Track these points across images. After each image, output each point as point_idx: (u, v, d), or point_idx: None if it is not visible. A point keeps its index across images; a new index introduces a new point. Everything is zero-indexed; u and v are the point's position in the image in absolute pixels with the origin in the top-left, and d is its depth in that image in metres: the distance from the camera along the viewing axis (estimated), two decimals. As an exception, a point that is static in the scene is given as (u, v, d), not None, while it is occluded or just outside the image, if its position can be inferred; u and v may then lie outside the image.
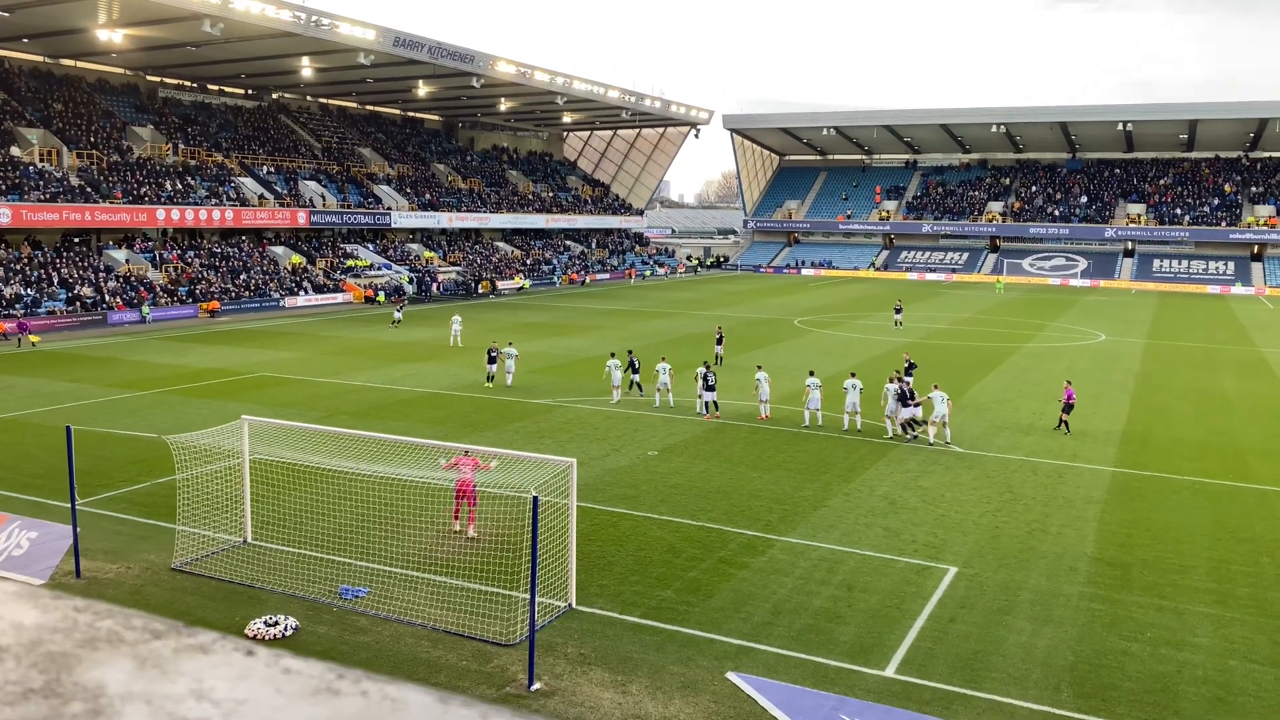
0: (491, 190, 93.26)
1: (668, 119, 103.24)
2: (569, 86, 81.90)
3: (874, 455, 24.78)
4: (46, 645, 1.90)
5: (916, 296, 76.57)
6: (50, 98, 64.70)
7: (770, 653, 13.43)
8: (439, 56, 68.18)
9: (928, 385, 28.20)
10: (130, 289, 56.02)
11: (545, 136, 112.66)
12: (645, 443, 25.73)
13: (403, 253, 78.93)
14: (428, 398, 31.93)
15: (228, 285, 61.26)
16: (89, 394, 32.03)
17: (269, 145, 76.98)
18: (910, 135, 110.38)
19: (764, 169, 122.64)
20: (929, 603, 15.25)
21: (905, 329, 53.00)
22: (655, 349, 40.68)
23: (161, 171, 64.35)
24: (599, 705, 11.87)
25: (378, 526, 17.87)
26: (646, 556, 17.17)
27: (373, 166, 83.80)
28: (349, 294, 67.26)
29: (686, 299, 72.09)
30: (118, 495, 20.37)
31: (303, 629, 13.83)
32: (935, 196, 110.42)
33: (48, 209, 54.81)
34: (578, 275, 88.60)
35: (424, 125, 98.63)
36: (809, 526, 18.96)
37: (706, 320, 56.37)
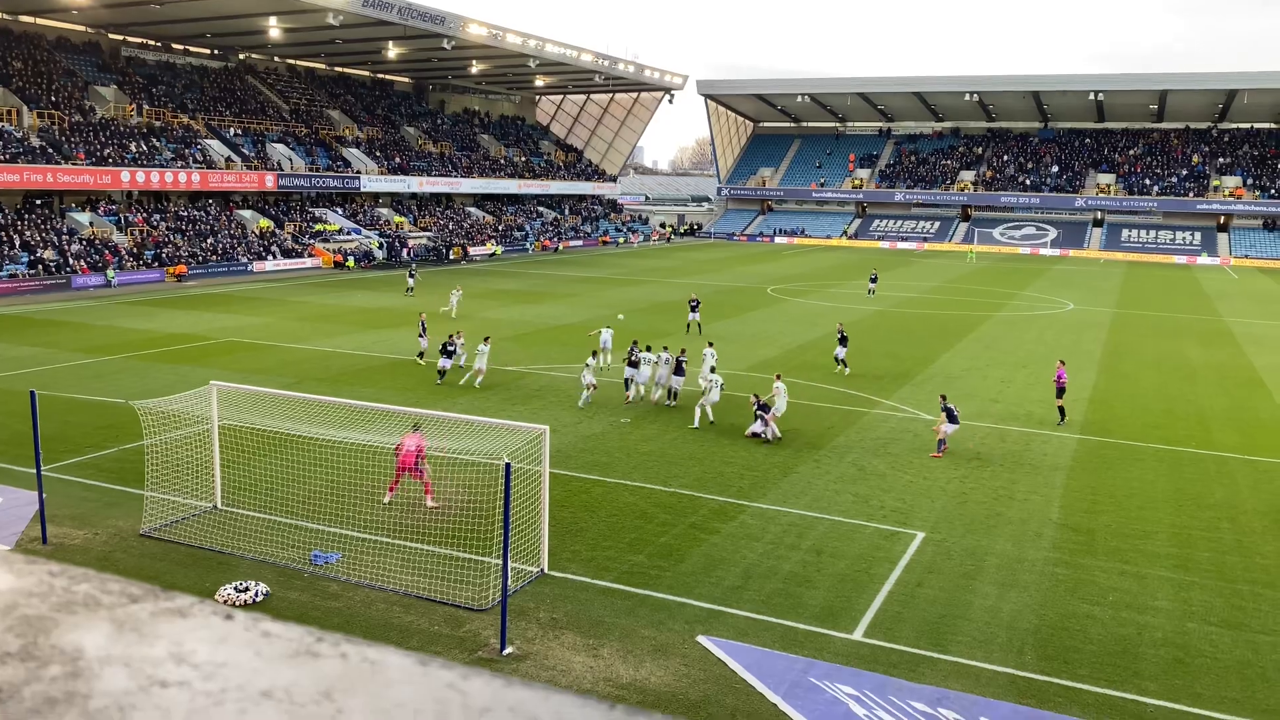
0: (463, 154, 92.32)
1: (641, 84, 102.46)
2: (541, 50, 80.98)
3: (844, 423, 24.97)
4: (22, 609, 1.87)
5: (888, 265, 76.89)
6: (9, 56, 63.09)
7: (740, 616, 13.57)
8: (409, 18, 67.11)
9: (872, 360, 28.35)
10: (95, 252, 55.10)
11: (518, 100, 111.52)
12: (617, 411, 25.76)
13: (372, 217, 78.12)
14: (398, 364, 31.75)
15: (195, 249, 60.40)
16: (53, 359, 31.57)
17: (236, 107, 75.65)
18: (884, 103, 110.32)
19: (738, 136, 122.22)
20: (897, 567, 15.46)
21: (877, 297, 53.25)
22: (632, 318, 40.58)
23: (125, 133, 63.10)
24: (571, 668, 11.97)
25: (349, 493, 17.81)
26: (618, 522, 17.25)
27: (342, 129, 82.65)
28: (318, 259, 66.55)
29: (660, 267, 71.97)
30: (84, 461, 20.15)
31: (274, 595, 13.80)
32: (908, 165, 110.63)
33: (8, 169, 53.62)
34: (550, 242, 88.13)
35: (394, 88, 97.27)
36: (779, 492, 19.11)
37: (680, 288, 56.32)
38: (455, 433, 18.31)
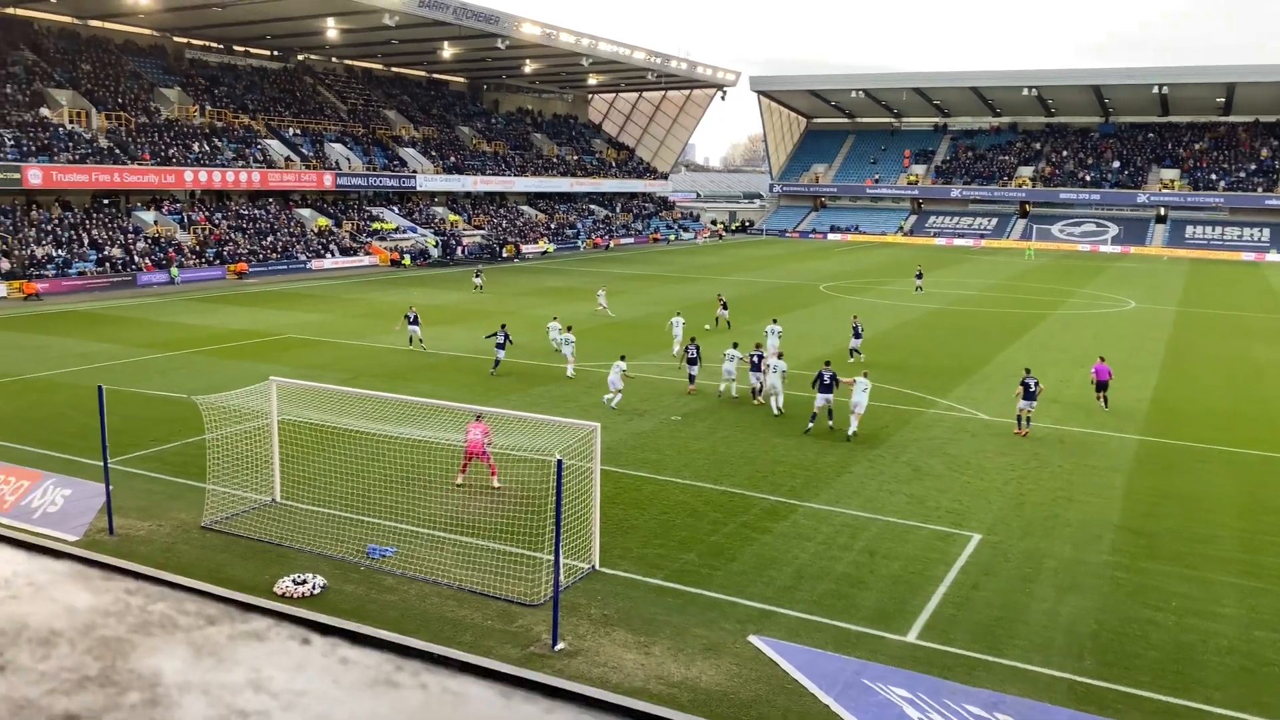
0: (516, 153, 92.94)
1: (694, 81, 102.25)
2: (594, 48, 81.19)
3: (899, 422, 24.70)
4: (100, 630, 1.90)
5: (944, 262, 75.89)
6: (78, 59, 64.89)
7: (792, 617, 13.50)
8: (464, 18, 67.71)
9: (888, 355, 28.00)
10: (159, 250, 56.46)
11: (570, 99, 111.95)
12: (669, 408, 25.76)
13: (428, 216, 78.99)
14: (452, 360, 32.08)
15: (255, 247, 61.59)
16: (120, 354, 32.42)
17: (295, 107, 76.98)
18: (940, 98, 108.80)
19: (791, 132, 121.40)
20: (952, 569, 15.25)
21: (932, 294, 52.58)
22: (683, 315, 40.45)
23: (189, 133, 64.55)
24: (622, 665, 12.00)
25: (404, 487, 18.04)
26: (669, 520, 17.25)
27: (398, 129, 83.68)
28: (375, 257, 67.47)
29: (711, 264, 71.79)
30: (149, 454, 20.67)
31: (330, 587, 14.04)
32: (964, 161, 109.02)
33: (77, 170, 55.20)
34: (602, 240, 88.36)
35: (449, 87, 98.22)
36: (832, 492, 18.96)
37: (732, 285, 56.15)
38: (508, 429, 18.48)
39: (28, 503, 16.66)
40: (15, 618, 0.89)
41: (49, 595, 0.95)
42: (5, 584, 0.95)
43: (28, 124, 56.25)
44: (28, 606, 0.92)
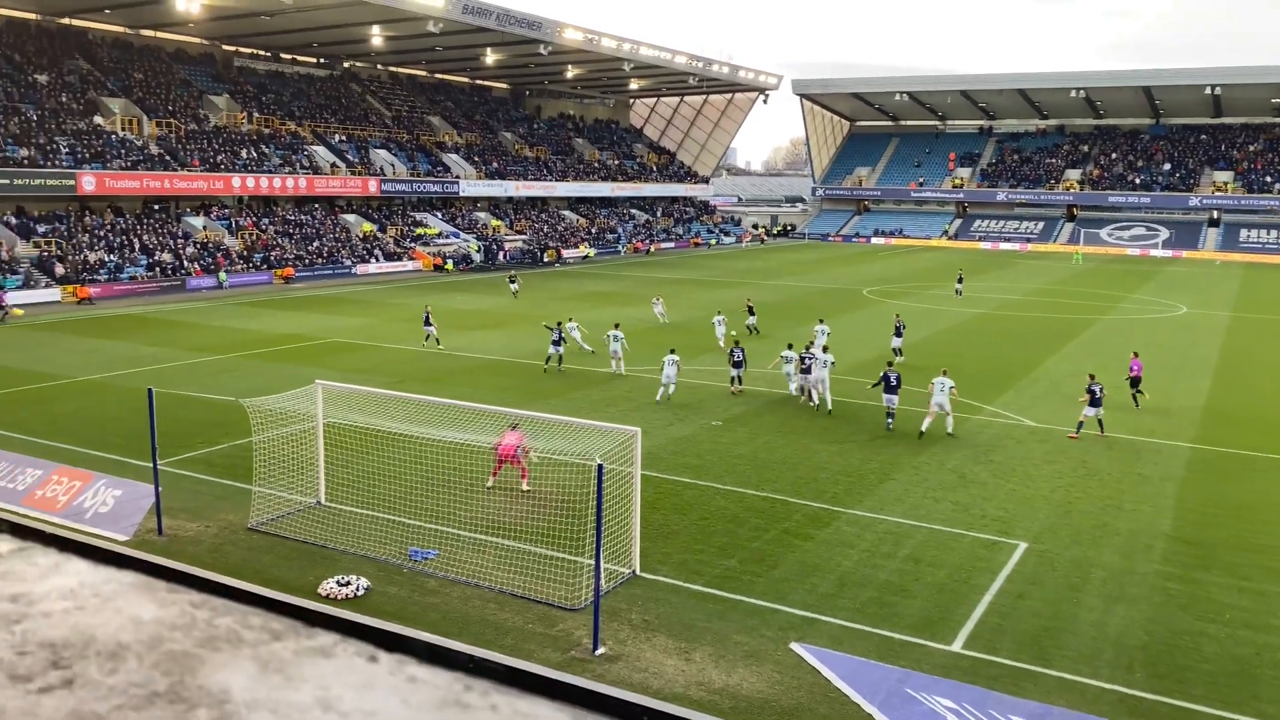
0: (557, 158, 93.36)
1: (736, 84, 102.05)
2: (636, 53, 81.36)
3: (944, 428, 24.38)
4: (168, 644, 1.91)
5: (990, 266, 74.98)
6: (131, 67, 66.29)
7: (835, 624, 13.37)
8: (507, 24, 68.19)
9: (938, 356, 27.61)
10: (207, 255, 57.45)
11: (612, 104, 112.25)
12: (709, 413, 25.68)
13: (470, 221, 79.58)
14: (494, 365, 32.26)
15: (301, 252, 62.45)
16: (169, 358, 33.00)
17: (341, 114, 77.99)
18: (986, 101, 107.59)
19: (834, 135, 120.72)
20: (998, 578, 15.02)
21: (977, 299, 51.97)
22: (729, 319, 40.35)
23: (237, 140, 65.64)
24: (663, 671, 11.96)
25: (446, 490, 18.14)
26: (710, 526, 17.19)
27: (441, 135, 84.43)
28: (418, 262, 68.11)
29: (753, 268, 71.55)
30: (197, 456, 21.00)
31: (374, 589, 14.15)
32: (1011, 164, 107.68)
33: (129, 176, 56.37)
34: (642, 244, 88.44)
35: (492, 93, 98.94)
36: (875, 499, 18.78)
37: (773, 290, 55.92)
38: (548, 433, 18.51)
39: (80, 503, 17.00)
40: (83, 629, 0.89)
41: (115, 607, 0.95)
42: (72, 594, 0.96)
43: (82, 132, 57.56)
44: (94, 618, 0.92)
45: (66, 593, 2.36)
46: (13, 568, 2.52)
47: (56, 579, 2.45)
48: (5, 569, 2.49)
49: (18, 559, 2.65)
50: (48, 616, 2.08)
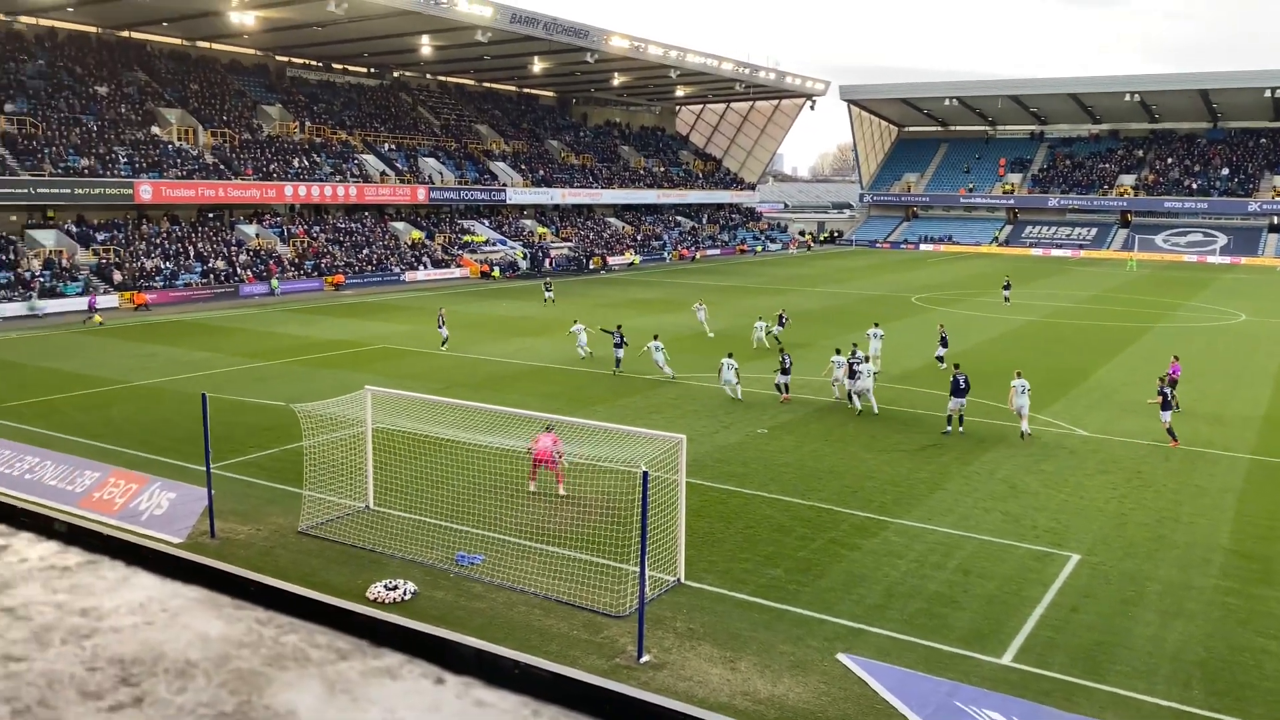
0: (603, 166, 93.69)
1: (782, 91, 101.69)
2: (682, 60, 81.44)
3: (994, 438, 24.05)
4: (235, 661, 1.90)
5: (1041, 273, 73.86)
6: (187, 79, 67.76)
7: (882, 636, 13.22)
8: (554, 32, 68.64)
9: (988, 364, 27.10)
10: (260, 262, 58.46)
11: (658, 111, 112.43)
12: (755, 421, 25.56)
13: (517, 228, 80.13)
14: (540, 371, 32.41)
15: (351, 259, 63.31)
16: (222, 363, 33.60)
17: (390, 123, 79.00)
18: (1037, 105, 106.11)
19: (882, 141, 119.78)
20: (1050, 590, 14.75)
21: (1029, 306, 51.19)
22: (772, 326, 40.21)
23: (289, 149, 66.76)
24: (708, 680, 11.90)
25: (492, 496, 18.25)
26: (755, 534, 17.09)
27: (489, 143, 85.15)
28: (466, 269, 68.69)
29: (799, 275, 71.17)
30: (249, 460, 21.34)
31: (421, 594, 14.26)
32: (1063, 169, 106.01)
33: (185, 185, 57.59)
34: (688, 251, 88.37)
35: (539, 101, 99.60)
36: (924, 509, 18.55)
37: (820, 297, 55.57)
38: (593, 440, 18.54)
39: (136, 505, 17.35)
40: (152, 646, 0.90)
41: (183, 623, 0.96)
42: (140, 609, 0.97)
43: (140, 142, 58.93)
44: (162, 634, 0.93)
45: (135, 607, 2.37)
46: (82, 580, 2.55)
47: (125, 593, 2.47)
48: (75, 582, 2.51)
49: (87, 572, 2.68)
50: (117, 632, 2.09)
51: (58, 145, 54.46)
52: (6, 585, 0.87)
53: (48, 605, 0.90)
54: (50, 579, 0.95)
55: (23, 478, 18.94)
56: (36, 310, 46.01)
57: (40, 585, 0.93)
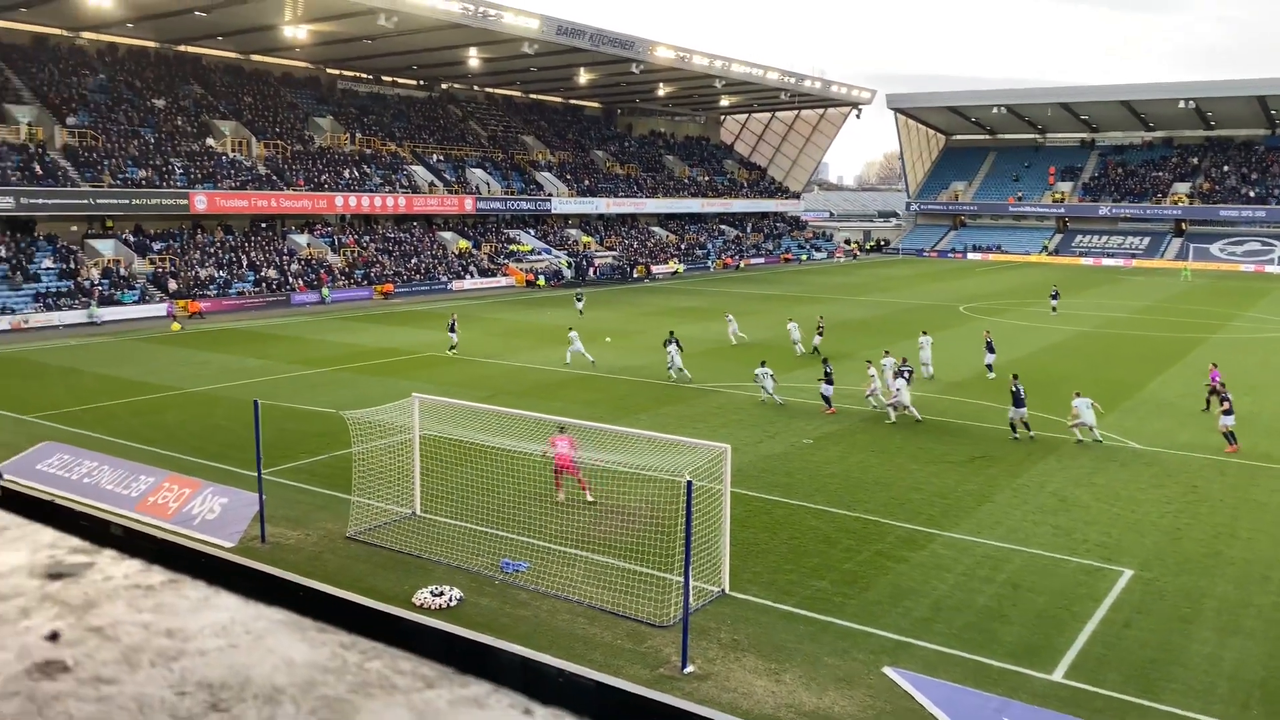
0: (648, 175, 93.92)
1: (828, 99, 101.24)
2: (727, 69, 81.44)
3: (1044, 450, 23.69)
4: (321, 688, 1.87)
5: (1092, 283, 72.66)
6: (241, 91, 69.12)
7: (930, 650, 13.06)
8: (600, 44, 69.03)
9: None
10: (311, 271, 59.37)
11: (703, 120, 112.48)
12: (800, 431, 25.42)
13: (562, 238, 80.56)
14: (584, 379, 32.51)
15: (400, 268, 64.07)
16: (274, 370, 34.15)
17: (439, 134, 79.92)
18: (1088, 113, 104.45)
19: (929, 149, 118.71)
20: (1101, 606, 14.48)
21: (1080, 317, 50.38)
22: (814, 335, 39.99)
23: (340, 160, 67.80)
24: (752, 692, 11.84)
25: (537, 503, 18.34)
26: (801, 545, 16.98)
27: (535, 154, 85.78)
28: (511, 278, 69.20)
29: (844, 284, 70.71)
30: (299, 466, 21.66)
31: (466, 600, 14.36)
32: (1114, 177, 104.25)
33: (238, 196, 58.73)
34: (732, 260, 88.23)
35: (584, 112, 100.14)
36: (973, 522, 18.31)
37: (866, 306, 55.17)
38: (637, 449, 18.55)
39: (189, 510, 17.68)
40: (238, 669, 0.92)
41: (267, 646, 0.98)
42: (224, 631, 0.99)
43: (195, 153, 60.20)
44: (248, 658, 0.95)
45: (219, 629, 2.35)
46: (165, 600, 2.55)
47: (208, 614, 2.46)
48: (159, 601, 2.52)
49: (169, 591, 2.68)
50: (203, 655, 2.07)
51: (117, 157, 55.83)
52: (93, 604, 0.90)
53: (134, 625, 0.92)
54: (135, 598, 0.98)
55: (81, 481, 19.41)
56: (95, 318, 47.11)
57: (126, 604, 0.95)
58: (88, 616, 0.97)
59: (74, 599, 1.03)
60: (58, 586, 1.00)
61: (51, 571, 1.03)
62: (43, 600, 1.02)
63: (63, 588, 1.01)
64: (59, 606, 1.01)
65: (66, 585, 1.01)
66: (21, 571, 1.02)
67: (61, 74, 60.30)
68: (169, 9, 55.97)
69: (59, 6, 55.31)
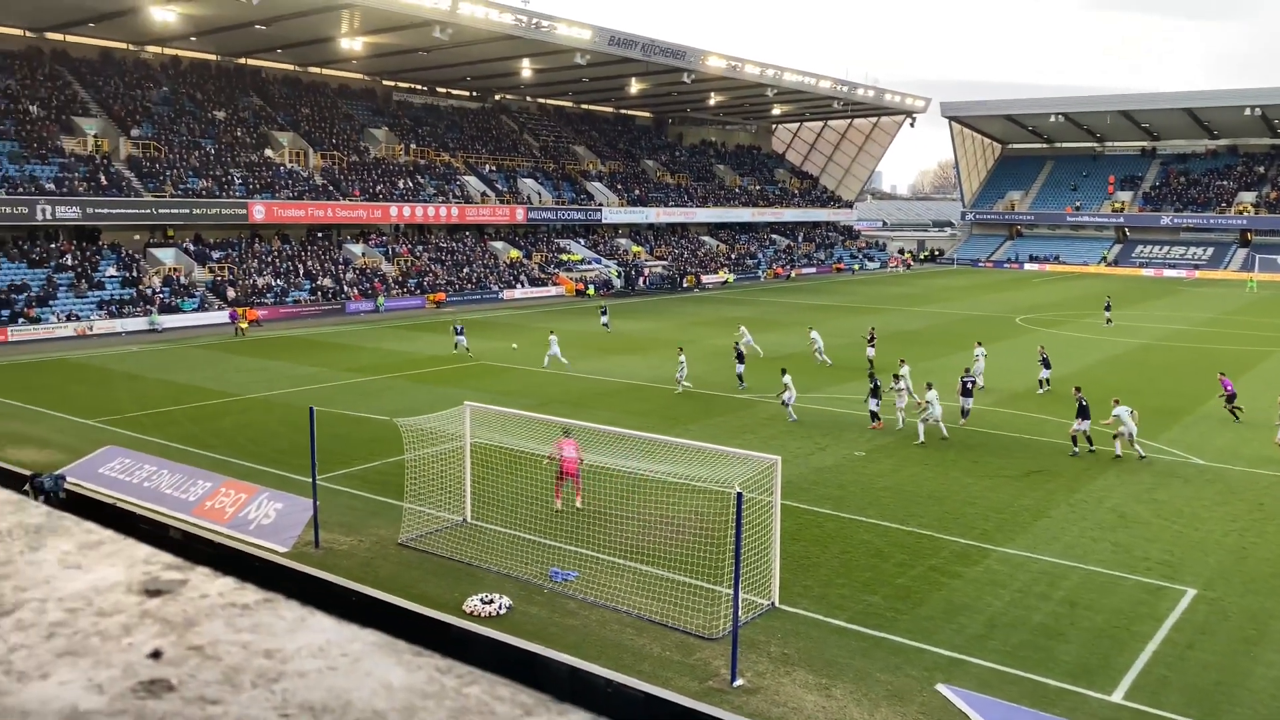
0: (698, 184, 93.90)
1: (881, 108, 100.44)
2: (779, 79, 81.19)
3: (1102, 465, 23.18)
4: (421, 714, 1.87)
5: (1153, 294, 71.11)
6: (299, 103, 70.45)
7: (984, 667, 12.82)
8: (651, 54, 69.24)
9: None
10: (365, 280, 60.22)
11: (754, 129, 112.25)
12: (851, 443, 25.16)
13: (612, 247, 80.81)
14: (633, 389, 32.53)
15: (452, 278, 64.74)
16: (328, 377, 34.66)
17: (491, 145, 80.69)
18: (1148, 121, 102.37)
19: (984, 158, 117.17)
20: (1163, 626, 14.11)
21: (1141, 329, 49.29)
22: (860, 346, 39.57)
23: (394, 170, 68.75)
24: (802, 707, 11.71)
25: (586, 512, 18.35)
26: (852, 559, 16.79)
27: (586, 164, 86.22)
28: (561, 287, 69.55)
29: (897, 294, 69.97)
30: (352, 472, 21.93)
31: (515, 609, 14.41)
32: (1176, 186, 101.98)
33: (295, 206, 59.80)
34: (783, 269, 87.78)
35: (635, 122, 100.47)
36: (1029, 537, 17.96)
37: (920, 316, 54.53)
38: (686, 459, 18.51)
39: (245, 514, 17.97)
40: (338, 693, 0.92)
41: (365, 669, 0.98)
42: (321, 653, 0.99)
43: (254, 164, 61.45)
44: (346, 681, 0.95)
45: (316, 651, 2.37)
46: (262, 620, 2.58)
47: (304, 635, 2.49)
48: (255, 621, 2.54)
49: (265, 611, 2.72)
50: (303, 676, 2.10)
51: (178, 168, 57.18)
52: (192, 623, 0.90)
53: (233, 645, 0.92)
54: (232, 617, 0.98)
55: (141, 485, 19.83)
56: (156, 325, 48.22)
57: (224, 623, 0.95)
58: (188, 635, 0.97)
59: (173, 616, 1.04)
60: (156, 603, 1.01)
61: (149, 588, 1.04)
62: (143, 617, 1.03)
63: (161, 604, 1.01)
64: (159, 624, 1.02)
65: (165, 602, 1.01)
66: (120, 587, 1.03)
67: (126, 87, 61.95)
68: (230, 22, 57.23)
69: (125, 21, 56.87)
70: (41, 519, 1.25)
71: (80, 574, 1.08)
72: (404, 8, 54.19)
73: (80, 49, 62.04)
